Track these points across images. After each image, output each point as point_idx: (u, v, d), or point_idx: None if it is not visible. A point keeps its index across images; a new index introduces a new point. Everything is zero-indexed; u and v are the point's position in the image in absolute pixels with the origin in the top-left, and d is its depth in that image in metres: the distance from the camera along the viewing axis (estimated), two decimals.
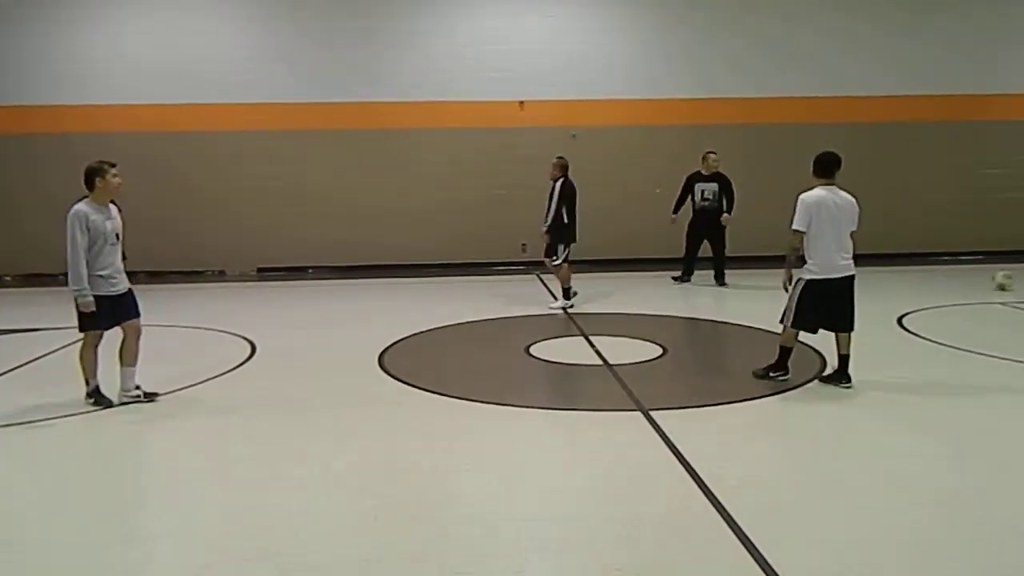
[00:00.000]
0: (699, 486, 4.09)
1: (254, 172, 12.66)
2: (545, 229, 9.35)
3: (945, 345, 7.18)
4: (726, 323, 8.66)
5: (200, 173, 12.60)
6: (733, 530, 3.58)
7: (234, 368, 6.82)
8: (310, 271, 12.90)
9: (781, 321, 5.99)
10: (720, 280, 11.00)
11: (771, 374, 6.01)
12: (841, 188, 5.86)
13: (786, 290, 5.93)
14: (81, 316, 5.53)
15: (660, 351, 7.16)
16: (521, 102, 12.96)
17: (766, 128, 12.98)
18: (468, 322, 8.73)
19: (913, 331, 7.79)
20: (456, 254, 12.96)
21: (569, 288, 9.47)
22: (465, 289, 10.79)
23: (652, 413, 5.28)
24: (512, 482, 4.28)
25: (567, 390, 6.22)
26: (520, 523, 3.78)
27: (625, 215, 13.09)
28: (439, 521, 3.80)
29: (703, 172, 10.98)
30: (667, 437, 4.82)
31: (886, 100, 13.14)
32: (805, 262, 5.83)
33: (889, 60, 13.09)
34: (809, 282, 5.79)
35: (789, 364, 6.00)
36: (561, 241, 9.32)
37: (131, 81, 12.38)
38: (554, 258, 9.39)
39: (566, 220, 9.27)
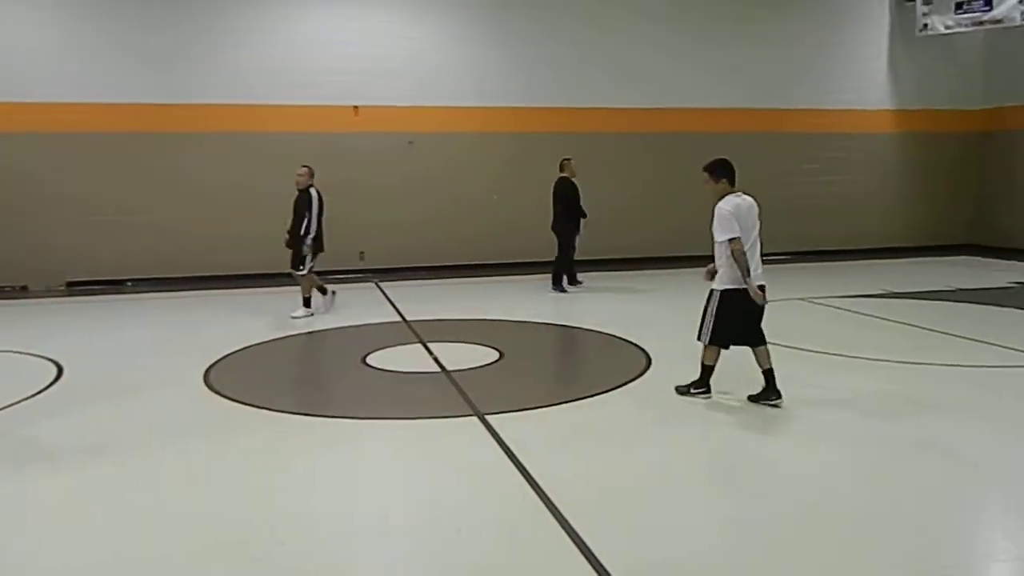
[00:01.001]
0: (532, 486, 4.18)
1: (61, 179, 11.62)
2: (312, 240, 9.20)
3: None
4: (561, 325, 8.93)
5: None
6: (564, 528, 3.69)
7: (37, 394, 6.20)
8: (129, 284, 12.01)
9: (700, 339, 5.67)
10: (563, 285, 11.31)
11: (692, 390, 5.76)
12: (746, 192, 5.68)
13: (760, 302, 5.47)
14: None
15: (497, 355, 7.28)
16: (356, 107, 12.76)
17: (602, 137, 13.52)
18: (301, 333, 8.47)
19: None
20: (288, 263, 12.53)
21: (310, 297, 9.41)
22: (299, 299, 10.43)
23: (488, 417, 5.36)
24: (345, 496, 4.19)
25: (403, 399, 6.17)
26: (355, 537, 3.71)
27: (460, 221, 13.22)
28: (270, 542, 3.65)
29: (572, 178, 11.08)
30: (501, 440, 4.91)
31: (706, 112, 14.13)
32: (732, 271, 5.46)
33: (709, 76, 14.07)
34: (725, 293, 5.51)
35: (711, 382, 5.74)
36: (311, 251, 9.26)
37: None
38: (301, 268, 9.30)
39: (315, 229, 9.26)
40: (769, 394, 5.55)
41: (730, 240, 5.43)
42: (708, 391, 5.75)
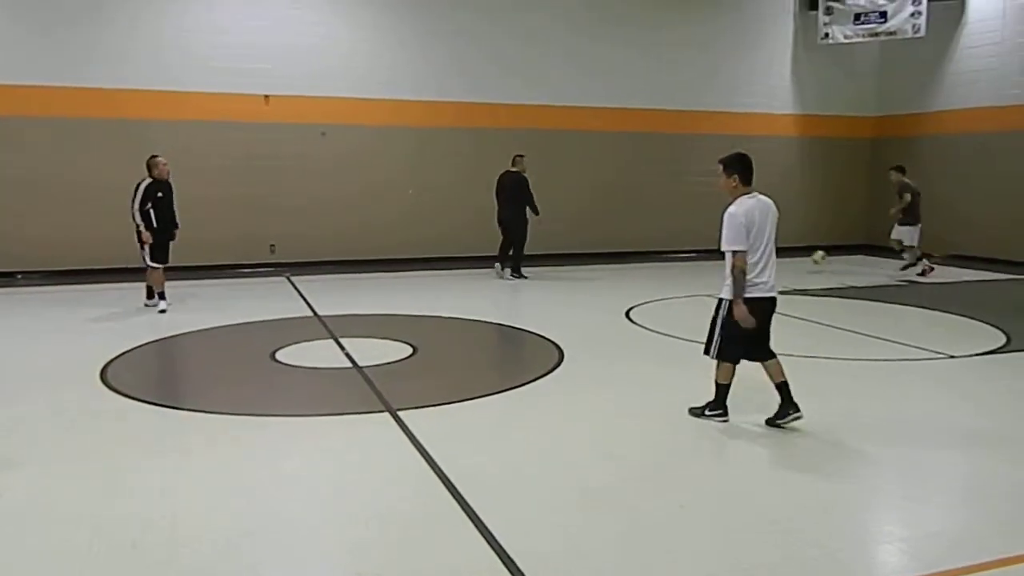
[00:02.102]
0: (443, 483, 4.17)
1: None
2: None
3: (662, 334, 8.00)
4: (476, 320, 8.93)
5: None
6: (476, 525, 3.69)
7: None
8: (19, 276, 11.33)
9: (707, 354, 5.19)
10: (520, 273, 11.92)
11: (707, 412, 5.21)
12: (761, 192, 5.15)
13: (745, 324, 4.94)
14: None
15: (411, 350, 7.22)
16: (266, 96, 12.41)
17: (519, 132, 13.57)
18: (208, 329, 8.18)
19: (638, 322, 8.60)
20: (196, 256, 12.07)
21: (163, 291, 9.24)
22: (207, 293, 10.09)
23: (400, 413, 5.31)
24: (249, 496, 4.07)
25: (314, 395, 6.04)
26: (257, 538, 3.61)
27: (376, 215, 13.06)
28: (166, 544, 3.50)
29: (524, 174, 11.67)
30: (414, 436, 4.87)
31: (621, 112, 14.40)
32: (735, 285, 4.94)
33: (623, 77, 14.34)
34: (733, 304, 4.97)
35: (727, 404, 5.20)
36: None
37: None
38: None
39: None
40: (787, 409, 5.05)
41: (734, 252, 4.91)
42: (725, 413, 5.19)
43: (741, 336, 4.98)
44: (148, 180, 8.98)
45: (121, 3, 11.61)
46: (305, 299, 9.90)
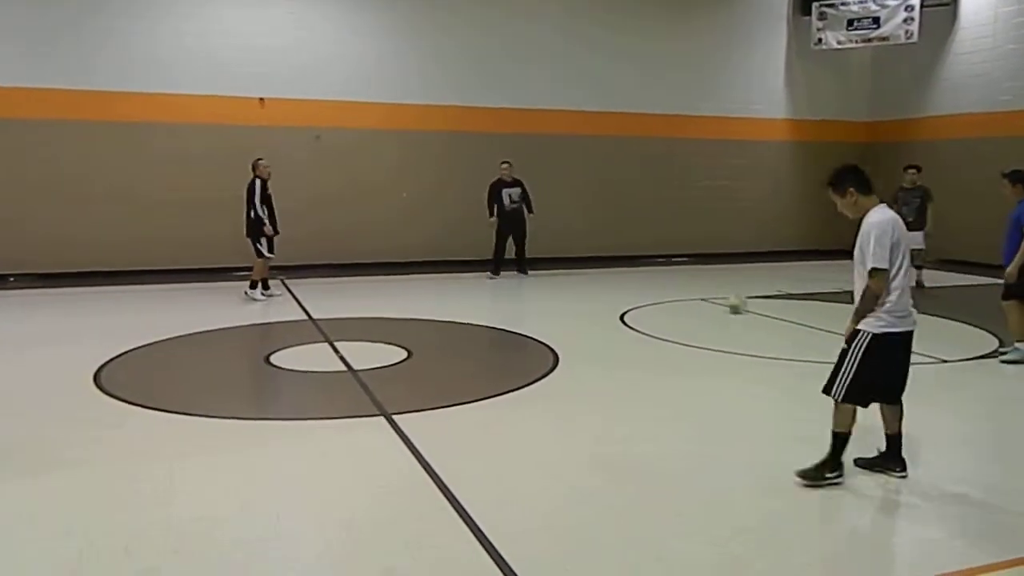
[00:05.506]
0: (439, 487, 4.17)
1: None
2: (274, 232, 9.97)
3: (656, 338, 8.01)
4: (471, 324, 8.93)
5: None
6: (471, 529, 3.69)
7: None
8: (11, 279, 11.29)
9: (827, 393, 4.22)
10: (524, 270, 12.29)
11: (828, 476, 4.17)
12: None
13: (848, 346, 4.20)
14: None
15: (405, 354, 7.22)
16: (261, 99, 12.41)
17: (515, 137, 13.61)
18: (201, 332, 8.16)
19: (632, 326, 8.61)
20: (190, 258, 12.06)
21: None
22: (200, 296, 10.07)
23: (395, 417, 5.31)
24: (244, 501, 4.06)
25: (308, 399, 6.04)
26: (252, 545, 3.60)
27: (370, 218, 13.06)
28: (159, 552, 3.49)
29: (505, 179, 12.07)
30: (409, 440, 4.87)
31: (612, 116, 14.44)
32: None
33: (624, 80, 14.39)
34: (877, 337, 4.11)
35: (843, 459, 4.22)
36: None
37: None
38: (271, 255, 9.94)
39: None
40: (890, 463, 4.32)
41: (874, 271, 4.06)
42: (841, 473, 4.20)
43: (879, 375, 4.13)
44: (257, 179, 9.66)
45: (123, 7, 11.61)
46: (299, 302, 9.89)
